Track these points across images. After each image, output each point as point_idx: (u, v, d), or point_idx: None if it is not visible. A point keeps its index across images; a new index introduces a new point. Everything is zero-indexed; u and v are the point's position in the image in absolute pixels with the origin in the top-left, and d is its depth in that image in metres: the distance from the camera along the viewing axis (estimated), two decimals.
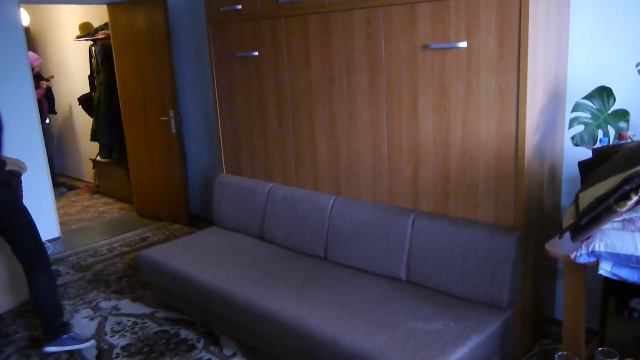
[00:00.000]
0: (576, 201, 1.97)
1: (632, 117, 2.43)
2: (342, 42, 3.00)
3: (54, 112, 6.89)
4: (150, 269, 3.49)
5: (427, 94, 2.71)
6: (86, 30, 6.34)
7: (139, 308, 3.61)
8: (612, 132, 2.40)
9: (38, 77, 6.53)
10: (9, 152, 4.36)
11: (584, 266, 2.02)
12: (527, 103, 2.38)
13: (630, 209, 1.82)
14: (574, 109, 2.44)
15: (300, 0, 3.13)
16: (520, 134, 2.43)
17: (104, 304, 3.70)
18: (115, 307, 3.64)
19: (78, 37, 6.40)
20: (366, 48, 2.90)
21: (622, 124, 2.36)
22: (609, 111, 2.39)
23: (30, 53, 6.52)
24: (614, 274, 1.88)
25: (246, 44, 3.55)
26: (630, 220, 1.85)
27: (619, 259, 1.85)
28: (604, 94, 2.40)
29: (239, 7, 3.49)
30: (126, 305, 3.67)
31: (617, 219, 1.86)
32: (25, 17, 7.02)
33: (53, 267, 4.35)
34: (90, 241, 5.00)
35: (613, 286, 2.43)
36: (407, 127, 2.82)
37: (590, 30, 2.65)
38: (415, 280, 2.84)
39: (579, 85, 2.68)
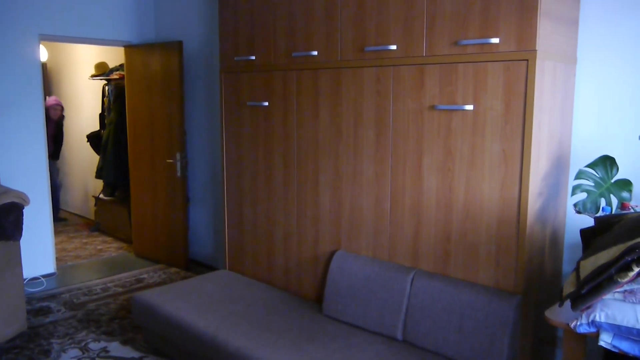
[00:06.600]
0: (577, 269, 1.95)
1: (635, 188, 2.44)
2: (351, 98, 3.06)
3: (57, 158, 6.98)
4: (143, 311, 3.44)
5: (431, 153, 2.73)
6: (101, 70, 6.50)
7: (128, 352, 3.53)
8: (614, 201, 2.41)
9: (59, 122, 6.74)
10: (14, 184, 4.40)
11: (585, 336, 1.98)
12: (531, 168, 2.40)
13: (632, 280, 1.80)
14: (577, 177, 2.45)
15: (312, 55, 3.21)
16: (522, 198, 2.44)
17: (93, 345, 3.62)
18: (105, 349, 3.56)
19: (93, 75, 6.55)
20: (374, 105, 2.95)
21: (624, 194, 2.37)
22: (612, 180, 2.40)
23: (55, 98, 6.72)
24: (614, 347, 1.84)
25: (257, 94, 3.62)
26: (631, 291, 1.83)
27: (620, 331, 1.81)
28: (607, 162, 2.42)
29: (253, 57, 3.58)
30: (115, 347, 3.59)
31: (618, 290, 1.84)
32: (43, 53, 7.20)
33: (45, 304, 4.31)
34: (85, 279, 4.94)
35: (614, 358, 2.37)
36: (411, 184, 2.84)
37: (595, 99, 2.70)
38: (411, 340, 2.79)
39: (582, 153, 2.71)
